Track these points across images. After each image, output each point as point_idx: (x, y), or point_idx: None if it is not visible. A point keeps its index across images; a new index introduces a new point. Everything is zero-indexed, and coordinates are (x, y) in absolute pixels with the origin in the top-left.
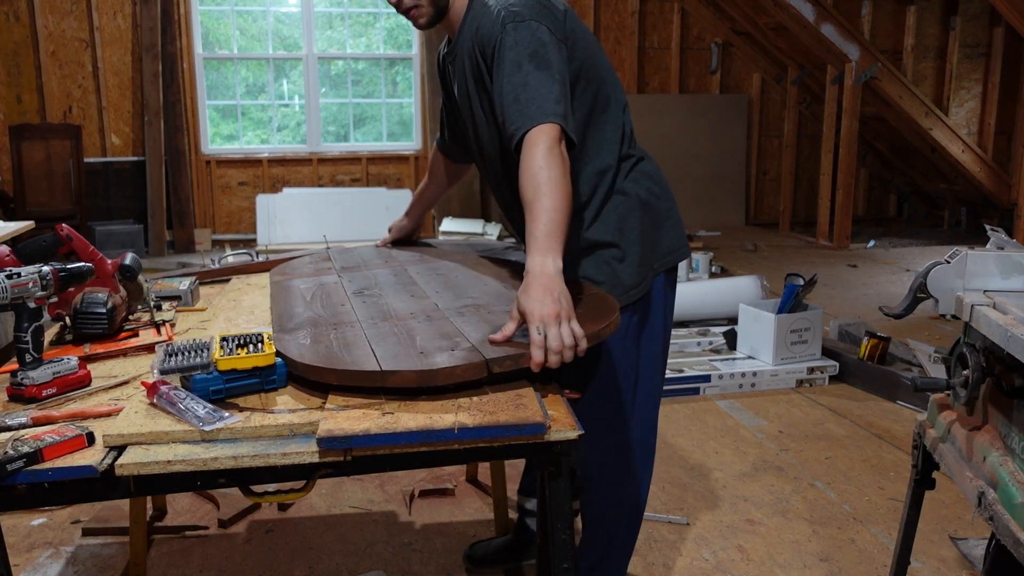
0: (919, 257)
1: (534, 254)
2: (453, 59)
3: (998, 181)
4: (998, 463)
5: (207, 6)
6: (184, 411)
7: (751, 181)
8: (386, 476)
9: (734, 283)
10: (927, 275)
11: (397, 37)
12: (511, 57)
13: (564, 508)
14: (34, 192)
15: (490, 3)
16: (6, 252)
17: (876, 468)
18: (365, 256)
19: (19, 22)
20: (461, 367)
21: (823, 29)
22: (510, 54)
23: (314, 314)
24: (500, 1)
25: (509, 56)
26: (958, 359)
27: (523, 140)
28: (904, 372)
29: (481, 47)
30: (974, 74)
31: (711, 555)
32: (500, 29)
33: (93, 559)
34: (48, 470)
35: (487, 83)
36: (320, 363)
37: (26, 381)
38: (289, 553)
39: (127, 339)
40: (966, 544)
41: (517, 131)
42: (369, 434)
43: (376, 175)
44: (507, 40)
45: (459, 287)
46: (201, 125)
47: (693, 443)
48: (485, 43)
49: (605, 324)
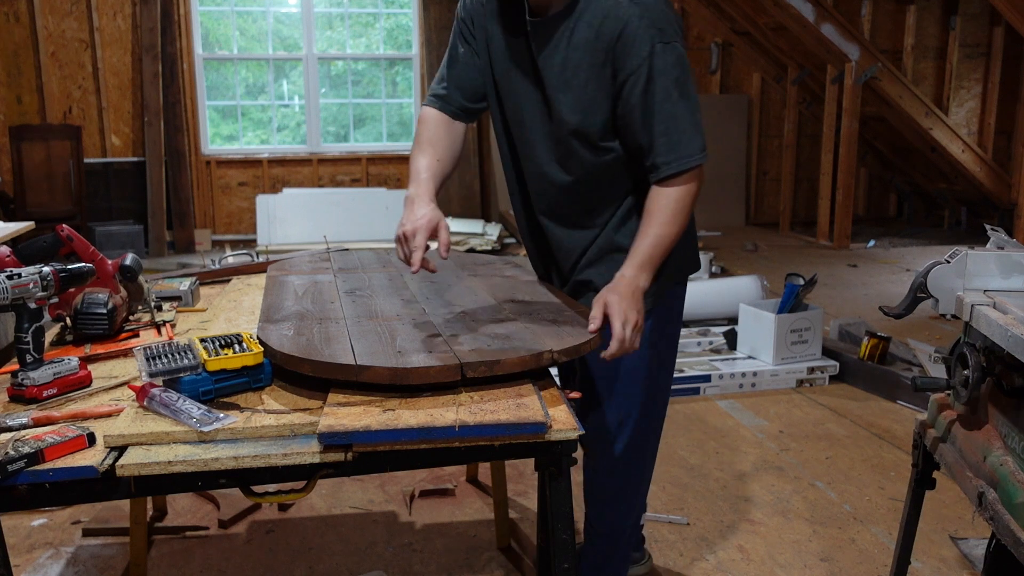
0: (919, 257)
1: (634, 266)
2: (539, 28)
3: (998, 181)
4: (998, 463)
5: (207, 6)
6: (179, 412)
7: (751, 181)
8: (386, 476)
9: (734, 283)
10: (927, 275)
11: (397, 37)
12: (661, 84)
13: (564, 508)
14: (34, 193)
15: (608, 6)
16: (6, 253)
17: (876, 468)
18: (364, 259)
19: (19, 23)
20: (435, 368)
21: (823, 29)
22: (660, 80)
23: (302, 308)
24: (628, 9)
25: (660, 82)
26: (958, 359)
27: (672, 177)
28: (904, 372)
29: (614, 51)
30: (974, 74)
31: (711, 555)
32: (648, 47)
33: (93, 560)
34: (49, 471)
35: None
36: (298, 353)
37: (27, 382)
38: (289, 553)
39: (128, 340)
40: (966, 544)
41: (666, 167)
42: (370, 430)
43: (376, 175)
44: (657, 63)
45: (450, 295)
46: (201, 125)
47: (693, 443)
48: (624, 51)
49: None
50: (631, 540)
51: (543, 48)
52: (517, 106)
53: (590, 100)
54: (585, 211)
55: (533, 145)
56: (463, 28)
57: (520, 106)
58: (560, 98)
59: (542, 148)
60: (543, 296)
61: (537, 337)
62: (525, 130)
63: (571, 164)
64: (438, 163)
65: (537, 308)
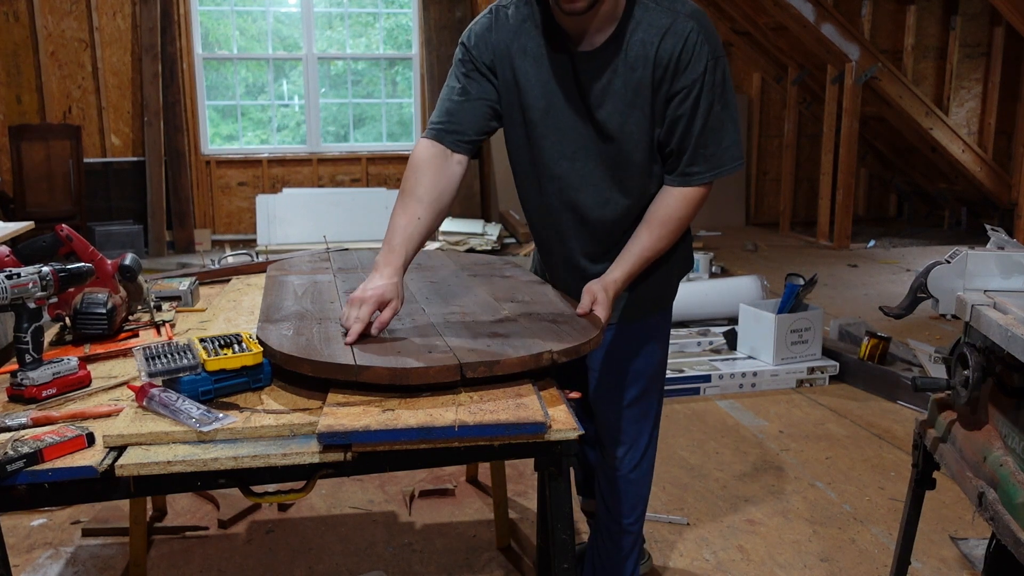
0: (919, 257)
1: (624, 271)
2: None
3: (998, 181)
4: (998, 463)
5: (207, 6)
6: (178, 412)
7: (751, 181)
8: (386, 476)
9: (734, 283)
10: (927, 275)
11: (397, 37)
12: (708, 98)
13: (564, 508)
14: (34, 193)
15: (664, 22)
16: (6, 253)
17: (876, 468)
18: (364, 259)
19: (19, 22)
20: (434, 368)
21: (823, 29)
22: (708, 94)
23: (302, 308)
24: (685, 24)
25: (707, 96)
26: (958, 359)
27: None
28: (904, 372)
29: (675, 67)
30: (974, 74)
31: (711, 555)
32: (704, 64)
33: (93, 560)
34: (48, 470)
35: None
36: (297, 353)
37: (26, 382)
38: (289, 553)
39: (127, 340)
40: (966, 544)
41: (699, 176)
42: (369, 430)
43: (376, 175)
44: (708, 79)
45: (449, 296)
46: (201, 125)
47: (693, 443)
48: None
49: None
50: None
51: (598, 76)
52: (562, 140)
53: (650, 116)
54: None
55: (586, 176)
56: (470, 66)
57: (566, 139)
58: (627, 121)
59: (599, 175)
60: (543, 296)
61: (537, 337)
62: (576, 163)
63: (630, 187)
64: (418, 222)
65: (537, 308)
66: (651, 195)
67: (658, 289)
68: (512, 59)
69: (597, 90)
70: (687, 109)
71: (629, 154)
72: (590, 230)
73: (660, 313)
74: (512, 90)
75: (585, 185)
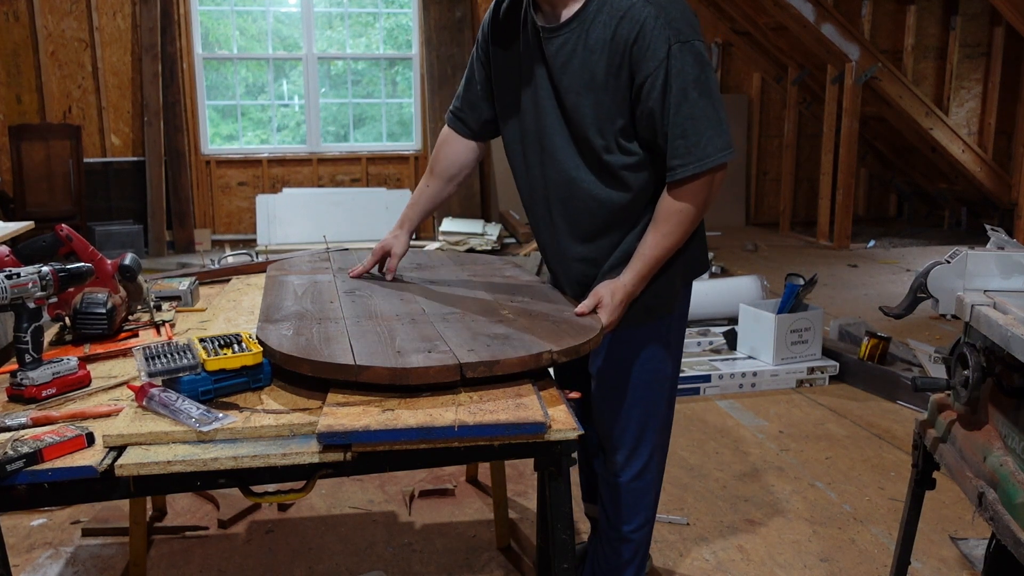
0: (919, 257)
1: (634, 275)
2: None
3: (998, 181)
4: (998, 463)
5: (207, 6)
6: (178, 412)
7: (751, 181)
8: (386, 476)
9: (734, 283)
10: (927, 275)
11: (397, 37)
12: (678, 85)
13: (564, 508)
14: (34, 192)
15: (623, 6)
16: (6, 252)
17: (876, 468)
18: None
19: (19, 22)
20: (434, 368)
21: (823, 29)
22: (677, 81)
23: (302, 308)
24: (643, 10)
25: (677, 83)
26: (958, 359)
27: (688, 179)
28: (904, 372)
29: (630, 54)
30: (974, 74)
31: (711, 555)
32: (665, 49)
33: (93, 560)
34: (48, 470)
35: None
36: (297, 353)
37: (26, 381)
38: (289, 553)
39: (127, 339)
40: (966, 544)
41: (681, 169)
42: (369, 430)
43: (376, 175)
44: (674, 64)
45: (449, 296)
46: (201, 125)
47: (693, 443)
48: (641, 53)
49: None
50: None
51: (559, 53)
52: (537, 117)
53: (610, 102)
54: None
55: (554, 153)
56: (481, 46)
57: (540, 116)
58: (581, 102)
59: (566, 154)
60: (543, 296)
61: (537, 337)
62: (546, 140)
63: (596, 168)
64: (426, 189)
65: (537, 308)
66: (624, 182)
67: (659, 294)
68: (502, 40)
69: (558, 67)
70: (656, 100)
71: (588, 136)
72: (569, 209)
73: (663, 319)
74: (502, 70)
75: (558, 161)
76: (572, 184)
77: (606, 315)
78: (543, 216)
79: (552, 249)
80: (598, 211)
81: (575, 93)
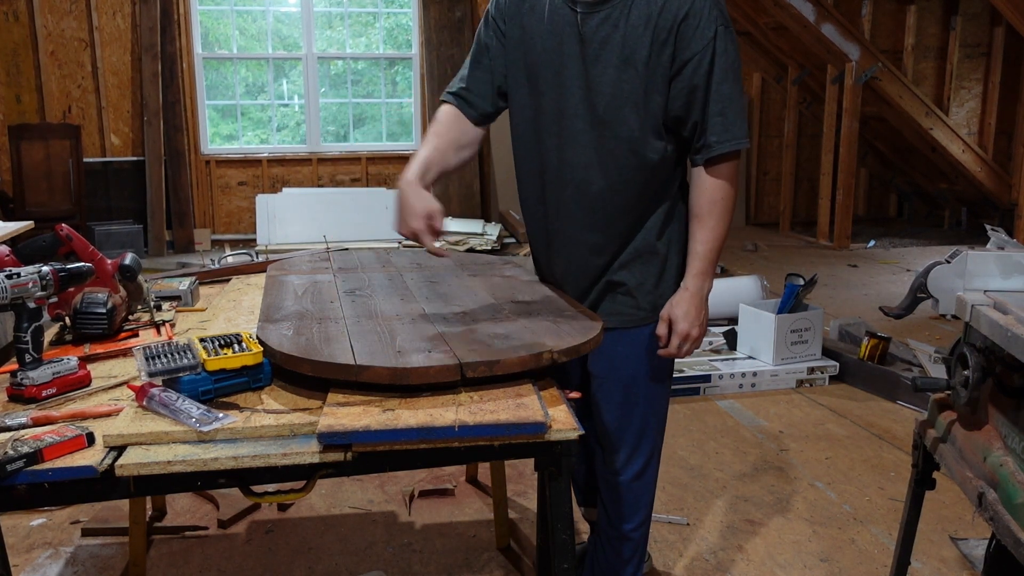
0: (919, 257)
1: (696, 275)
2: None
3: (998, 181)
4: (998, 463)
5: (207, 6)
6: (178, 412)
7: (751, 181)
8: (386, 476)
9: (734, 283)
10: (927, 275)
11: (397, 37)
12: (722, 64)
13: (564, 508)
14: (34, 192)
15: None
16: (6, 252)
17: (876, 468)
18: (364, 259)
19: (18, 22)
20: (435, 368)
21: (823, 29)
22: (721, 60)
23: (302, 308)
24: None
25: (720, 63)
26: (958, 359)
27: (721, 156)
28: (904, 372)
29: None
30: (974, 74)
31: (711, 555)
32: (714, 29)
33: (93, 559)
34: (48, 470)
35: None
36: (297, 353)
37: (26, 381)
38: (289, 553)
39: (127, 339)
40: (966, 544)
41: (719, 145)
42: (369, 430)
43: (376, 175)
44: (719, 46)
45: (450, 295)
46: (201, 125)
47: (693, 443)
48: (689, 31)
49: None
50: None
51: (599, 29)
52: (560, 96)
53: (648, 78)
54: (620, 210)
55: (575, 135)
56: (494, 25)
57: (563, 96)
58: (620, 77)
59: (588, 137)
60: (543, 296)
61: (537, 337)
62: (566, 120)
63: (619, 152)
64: (435, 151)
65: (537, 308)
66: (648, 168)
67: (660, 294)
68: (522, 17)
69: (596, 45)
70: (702, 77)
71: (618, 117)
72: (586, 196)
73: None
74: (518, 48)
75: (579, 143)
76: (590, 167)
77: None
78: (552, 201)
79: (560, 236)
80: (615, 196)
81: (614, 68)
